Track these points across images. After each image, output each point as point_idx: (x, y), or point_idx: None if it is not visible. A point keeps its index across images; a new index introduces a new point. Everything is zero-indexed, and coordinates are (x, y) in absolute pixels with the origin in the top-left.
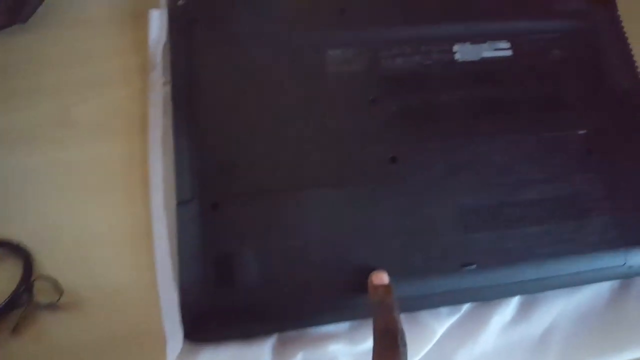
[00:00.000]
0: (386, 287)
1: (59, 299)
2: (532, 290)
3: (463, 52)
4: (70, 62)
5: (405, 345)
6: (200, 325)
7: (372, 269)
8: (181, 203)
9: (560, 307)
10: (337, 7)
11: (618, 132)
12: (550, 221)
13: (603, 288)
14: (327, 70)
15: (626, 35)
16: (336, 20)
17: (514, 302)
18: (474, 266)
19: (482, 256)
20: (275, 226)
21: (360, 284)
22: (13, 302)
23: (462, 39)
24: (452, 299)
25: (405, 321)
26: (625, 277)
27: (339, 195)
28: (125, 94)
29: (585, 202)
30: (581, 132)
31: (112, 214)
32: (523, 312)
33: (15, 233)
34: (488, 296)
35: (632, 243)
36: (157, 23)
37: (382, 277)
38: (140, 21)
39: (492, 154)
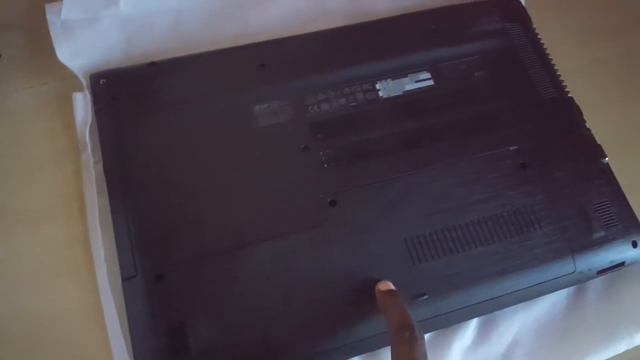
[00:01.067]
0: (393, 291)
1: None
2: (488, 310)
3: (386, 88)
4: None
5: (423, 337)
6: None
7: (328, 314)
8: (126, 279)
9: (519, 322)
10: (256, 63)
11: (549, 142)
12: (494, 240)
13: (560, 296)
14: (256, 126)
15: (544, 46)
16: (257, 76)
17: (473, 324)
18: (425, 296)
19: (432, 285)
20: (223, 287)
21: (319, 330)
22: None
23: (383, 76)
24: None
25: None
26: (578, 282)
27: (284, 246)
28: (59, 176)
29: (527, 215)
30: (513, 147)
31: (62, 297)
32: (483, 333)
33: None
34: (445, 323)
35: (578, 249)
36: (82, 104)
37: (387, 284)
38: (65, 105)
39: (428, 183)
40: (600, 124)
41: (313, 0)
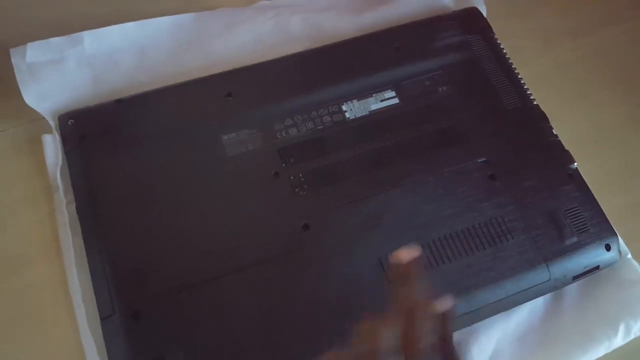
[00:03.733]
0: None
1: None
2: (466, 324)
3: (352, 109)
4: None
5: None
6: None
7: (310, 339)
8: (104, 318)
9: (499, 332)
10: (223, 92)
11: (516, 152)
12: (468, 253)
13: (538, 304)
14: (225, 155)
15: (507, 55)
16: (224, 105)
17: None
18: None
19: None
20: (201, 320)
21: (301, 356)
22: None
23: (348, 98)
24: None
25: None
26: (554, 289)
27: (259, 273)
28: (34, 219)
29: (499, 227)
30: (481, 160)
31: (42, 340)
32: (463, 346)
33: None
34: None
35: (551, 257)
36: (52, 146)
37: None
38: (36, 147)
39: (400, 201)
40: (567, 127)
41: (276, 27)
